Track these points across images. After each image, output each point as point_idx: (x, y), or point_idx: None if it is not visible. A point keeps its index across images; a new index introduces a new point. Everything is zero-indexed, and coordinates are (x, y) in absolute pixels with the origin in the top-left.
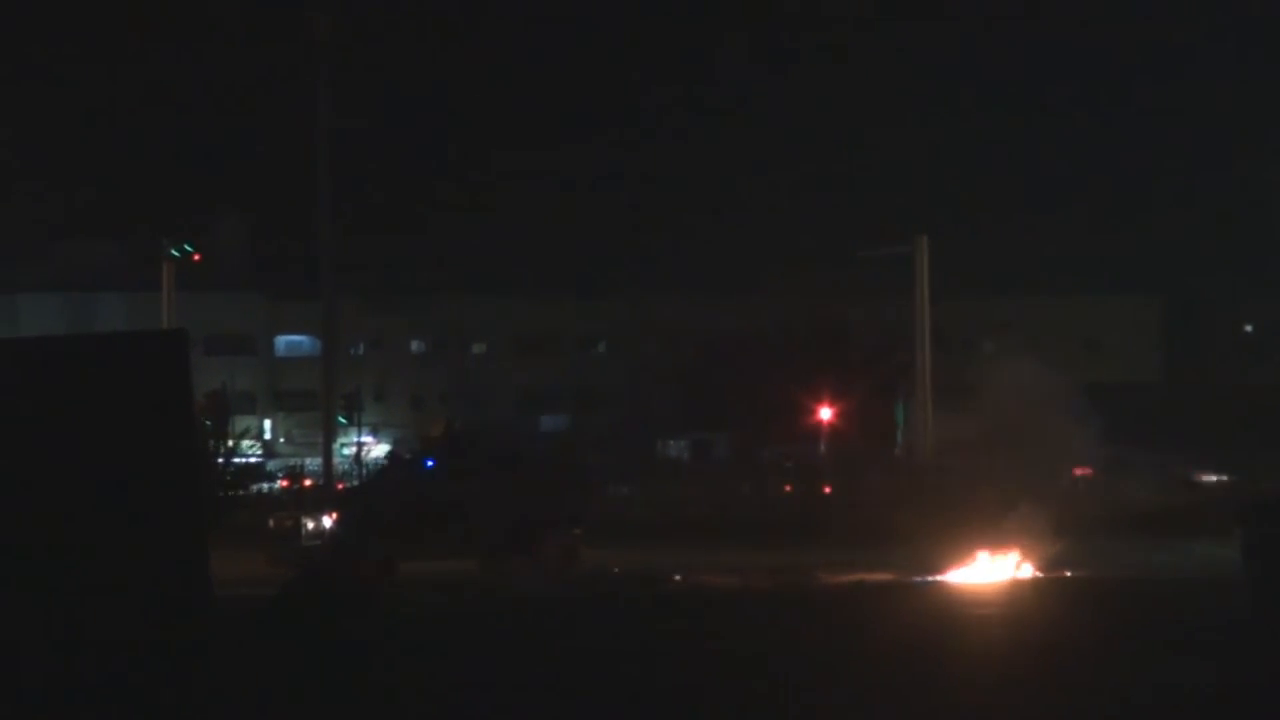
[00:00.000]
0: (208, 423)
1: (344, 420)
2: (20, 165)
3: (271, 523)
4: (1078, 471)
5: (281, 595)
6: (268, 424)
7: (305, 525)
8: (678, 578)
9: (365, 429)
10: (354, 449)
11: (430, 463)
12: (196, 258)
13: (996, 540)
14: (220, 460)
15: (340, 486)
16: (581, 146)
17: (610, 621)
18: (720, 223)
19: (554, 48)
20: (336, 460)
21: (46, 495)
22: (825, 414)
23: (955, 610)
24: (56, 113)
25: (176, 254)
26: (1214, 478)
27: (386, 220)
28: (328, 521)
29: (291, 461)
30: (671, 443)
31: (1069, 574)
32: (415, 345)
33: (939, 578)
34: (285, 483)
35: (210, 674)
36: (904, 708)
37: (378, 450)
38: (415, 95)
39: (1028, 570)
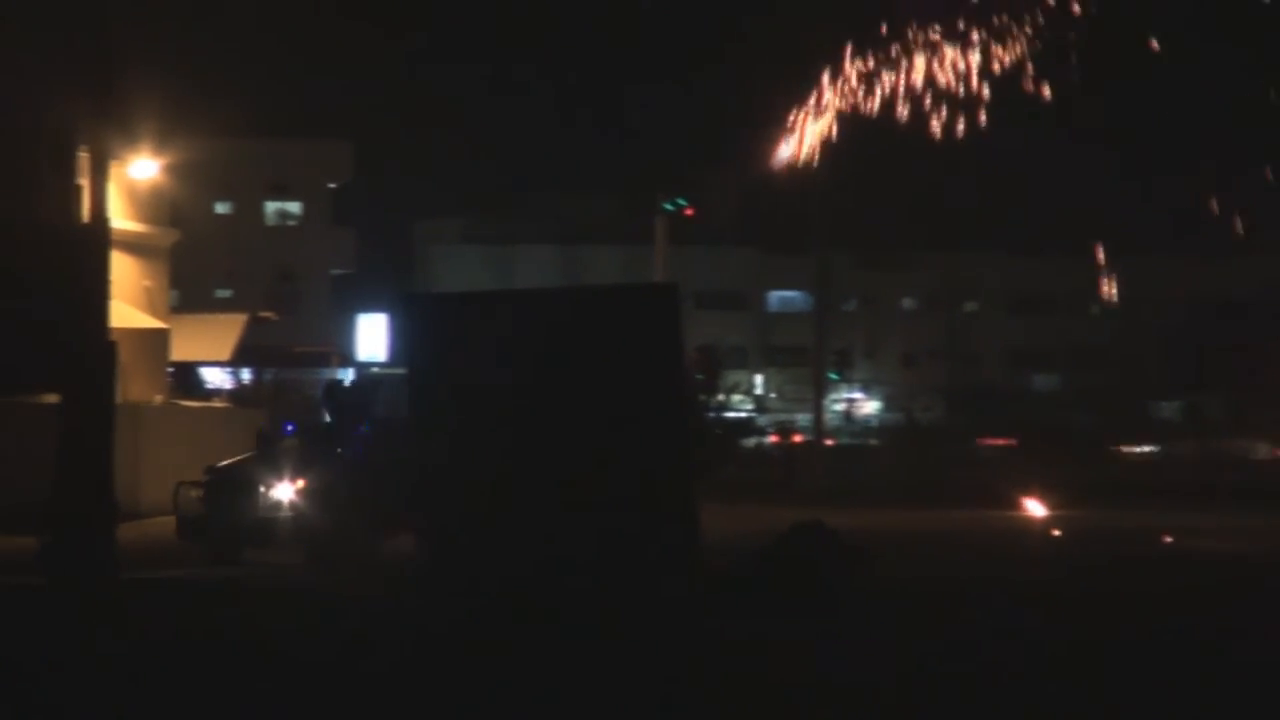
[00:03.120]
0: (699, 376)
1: (835, 376)
2: (510, 117)
3: (179, 490)
4: None
5: (778, 550)
6: (758, 379)
7: (261, 491)
8: (1168, 539)
9: (856, 385)
10: (844, 405)
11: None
12: (689, 212)
13: None
14: (711, 414)
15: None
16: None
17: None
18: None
19: None
20: (827, 416)
21: (543, 439)
22: None
23: None
24: (553, 71)
25: (669, 208)
26: None
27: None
28: (287, 490)
29: (782, 417)
30: (1164, 404)
31: None
32: (907, 302)
33: None
34: (775, 438)
35: (696, 629)
36: None
37: (868, 407)
38: None
39: None
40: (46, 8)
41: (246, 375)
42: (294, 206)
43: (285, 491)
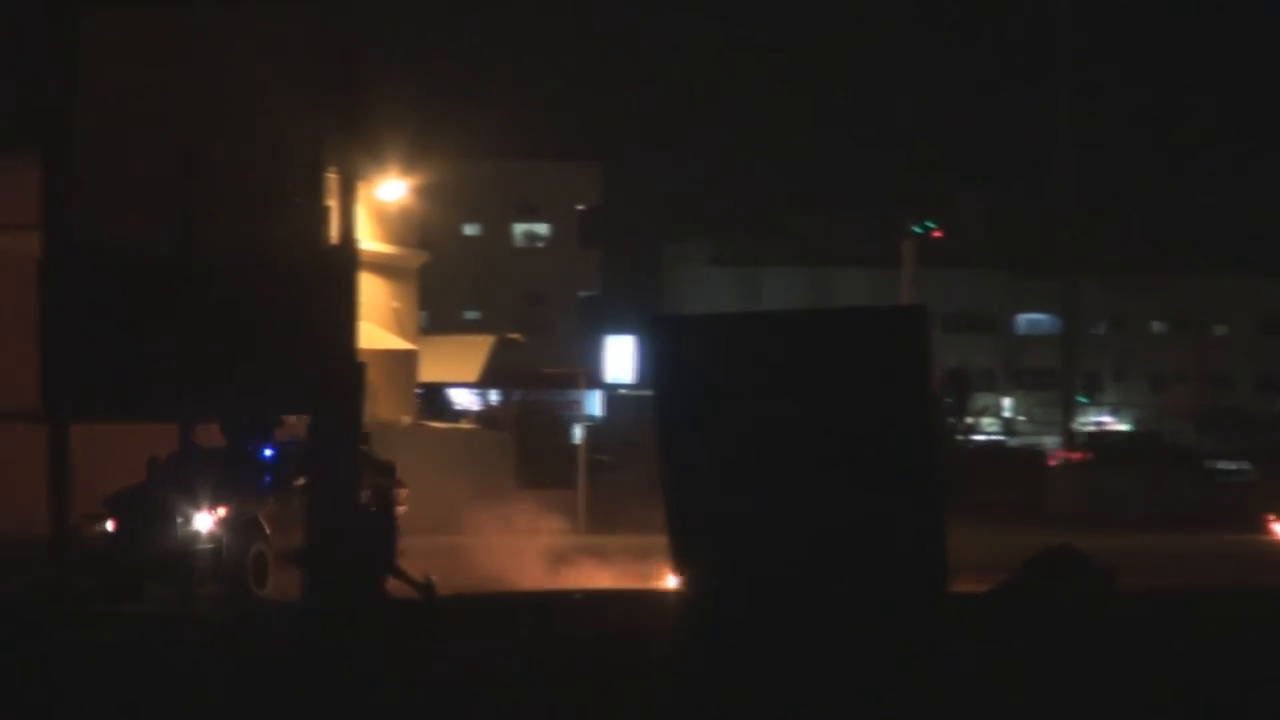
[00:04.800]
0: (948, 400)
1: (1084, 400)
2: (762, 139)
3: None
4: None
5: (1025, 576)
6: (1007, 402)
7: (179, 521)
8: None
9: (1105, 408)
10: (1093, 428)
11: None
12: (937, 234)
13: None
14: (960, 437)
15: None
16: None
17: None
18: None
19: None
20: (1076, 439)
21: (790, 463)
22: None
23: None
24: (803, 92)
25: (918, 230)
26: None
27: (1126, 197)
28: (206, 520)
29: (1030, 440)
30: None
31: None
32: (1155, 325)
33: None
34: (1023, 461)
35: (942, 661)
36: None
37: (1117, 430)
38: (1155, 65)
39: None
40: (295, 31)
41: (494, 397)
42: (542, 228)
43: (205, 521)
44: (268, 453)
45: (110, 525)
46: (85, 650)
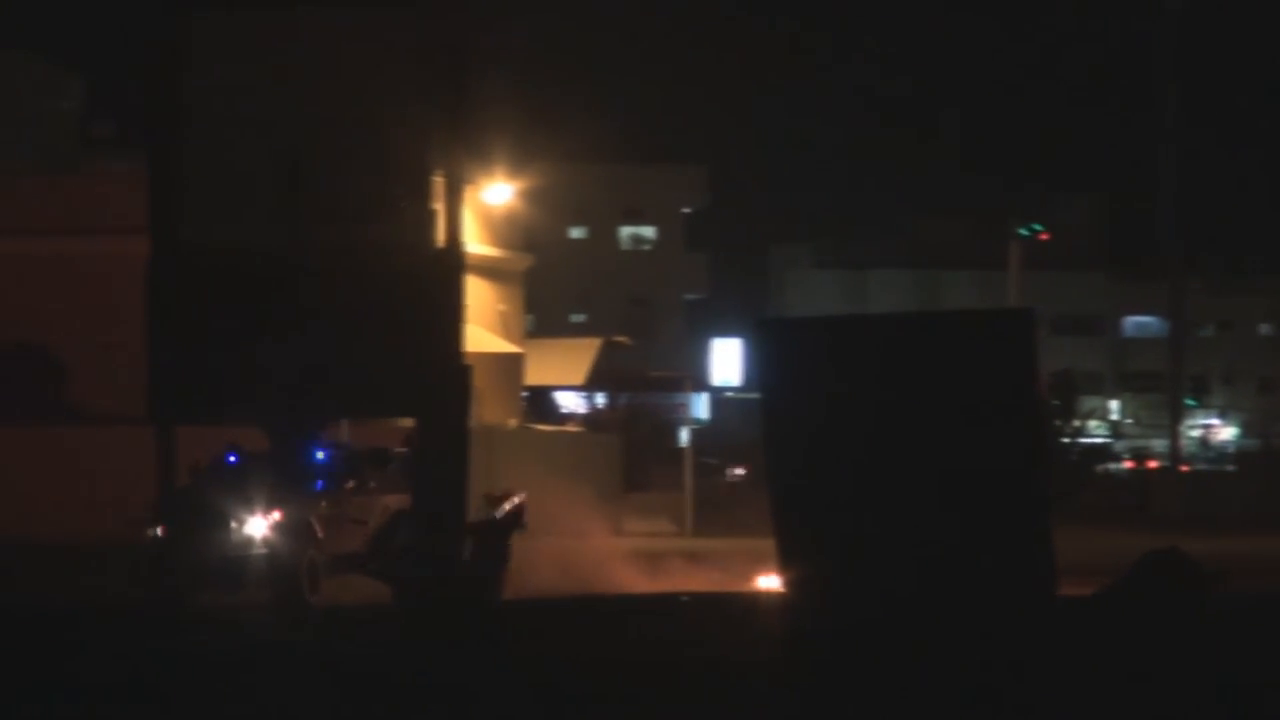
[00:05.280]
0: (1055, 403)
1: (1193, 403)
2: (870, 143)
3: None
4: None
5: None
6: (1113, 405)
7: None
8: None
9: (1212, 411)
10: (1201, 431)
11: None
12: (1044, 237)
13: None
14: (1067, 440)
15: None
16: None
17: None
18: None
19: None
20: (1183, 442)
21: (897, 466)
22: None
23: None
24: (909, 93)
25: (1024, 233)
26: None
27: (1232, 199)
28: (260, 525)
29: (1138, 443)
30: None
31: None
32: (1264, 328)
33: None
34: (1130, 464)
35: (1049, 665)
36: None
37: (1225, 433)
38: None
39: None
40: (402, 34)
41: (600, 400)
42: (648, 231)
43: (259, 526)
44: (319, 456)
45: (159, 530)
46: (212, 655)
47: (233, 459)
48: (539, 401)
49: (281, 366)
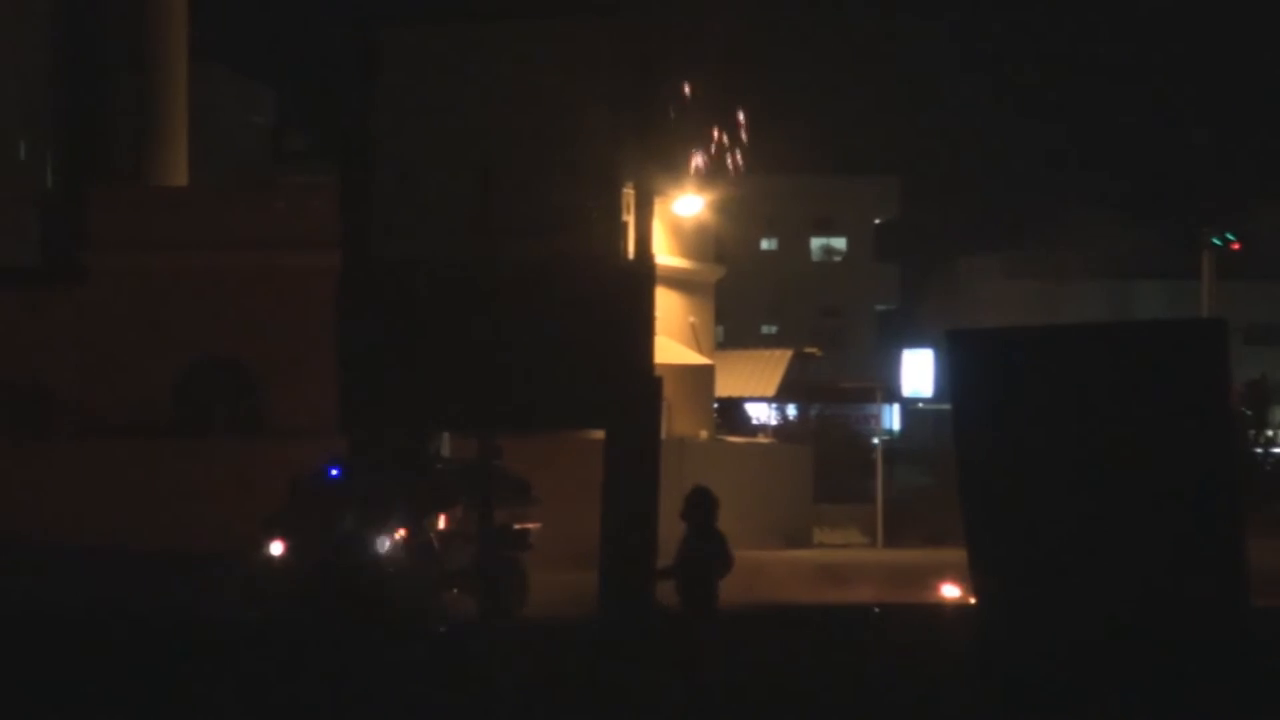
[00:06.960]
0: (1247, 413)
1: None
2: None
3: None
4: None
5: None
6: None
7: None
8: None
9: None
10: None
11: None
12: (1236, 246)
13: None
14: (1259, 450)
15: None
16: None
17: None
18: None
19: None
20: None
21: (1093, 480)
22: None
23: None
24: (1094, 100)
25: (1217, 242)
26: None
27: None
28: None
29: None
30: None
31: None
32: None
33: None
34: None
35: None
36: None
37: None
38: None
39: None
40: (595, 45)
41: (791, 411)
42: (839, 242)
43: (386, 544)
44: (425, 474)
45: (278, 547)
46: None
47: (335, 472)
48: (730, 413)
49: (471, 380)
